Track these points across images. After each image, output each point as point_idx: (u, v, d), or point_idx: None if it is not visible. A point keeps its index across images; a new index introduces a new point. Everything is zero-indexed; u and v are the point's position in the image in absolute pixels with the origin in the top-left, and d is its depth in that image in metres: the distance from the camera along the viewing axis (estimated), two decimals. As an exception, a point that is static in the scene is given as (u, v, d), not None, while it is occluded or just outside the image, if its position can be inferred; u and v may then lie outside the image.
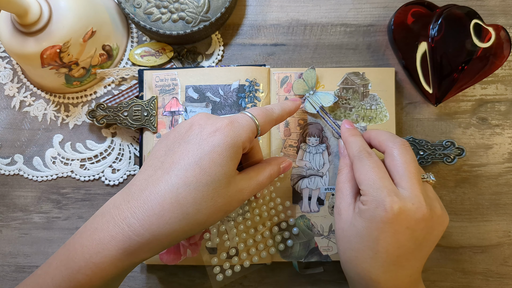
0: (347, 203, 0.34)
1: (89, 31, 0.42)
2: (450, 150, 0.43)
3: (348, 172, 0.37)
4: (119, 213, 0.28)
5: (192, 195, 0.28)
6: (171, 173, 0.29)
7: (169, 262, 0.42)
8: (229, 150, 0.29)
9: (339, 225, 0.34)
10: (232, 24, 0.48)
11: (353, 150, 0.36)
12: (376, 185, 0.32)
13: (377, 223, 0.31)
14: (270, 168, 0.35)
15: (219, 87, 0.44)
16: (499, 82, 0.47)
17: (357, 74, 0.44)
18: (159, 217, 0.27)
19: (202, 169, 0.28)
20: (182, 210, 0.28)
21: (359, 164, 0.34)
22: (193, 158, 0.29)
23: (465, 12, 0.43)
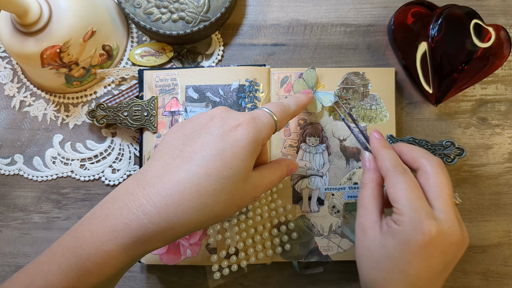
0: (372, 221, 0.32)
1: (89, 31, 0.42)
2: (450, 150, 0.43)
3: (375, 187, 0.34)
4: (134, 200, 0.27)
5: (212, 186, 0.28)
6: (192, 162, 0.28)
7: (169, 262, 0.42)
8: (251, 146, 0.29)
9: (364, 243, 0.33)
10: (232, 24, 0.48)
11: (386, 164, 0.34)
12: (415, 205, 0.30)
13: (412, 246, 0.29)
14: (280, 169, 0.35)
15: (219, 87, 0.44)
16: (499, 82, 0.47)
17: (357, 74, 0.44)
18: (177, 205, 0.27)
19: (224, 161, 0.28)
20: (201, 201, 0.27)
21: (395, 180, 0.32)
22: (215, 149, 0.28)
23: (465, 12, 0.43)
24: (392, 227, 0.31)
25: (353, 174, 0.44)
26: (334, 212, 0.43)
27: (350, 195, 0.43)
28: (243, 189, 0.29)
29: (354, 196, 0.43)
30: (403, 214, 0.30)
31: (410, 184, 0.31)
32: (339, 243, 0.43)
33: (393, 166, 0.33)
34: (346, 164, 0.44)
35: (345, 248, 0.43)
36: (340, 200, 0.43)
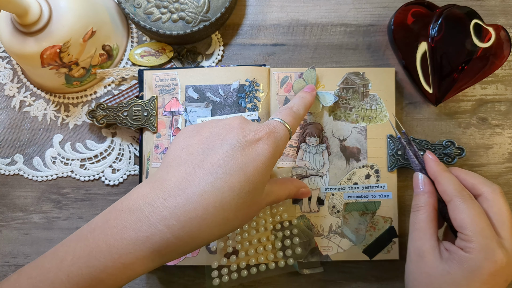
0: (431, 246, 0.32)
1: (89, 31, 0.42)
2: (450, 150, 0.43)
3: (432, 211, 0.34)
4: (154, 212, 0.26)
5: (235, 201, 0.27)
6: (215, 175, 0.27)
7: (169, 262, 0.42)
8: (271, 160, 0.30)
9: (421, 269, 0.32)
10: (232, 24, 0.48)
11: (451, 189, 0.33)
12: (486, 233, 0.30)
13: (481, 274, 0.29)
14: (290, 188, 0.35)
15: (219, 87, 0.44)
16: (499, 82, 0.47)
17: (357, 74, 0.44)
18: (201, 220, 0.26)
19: (247, 176, 0.28)
20: (224, 215, 0.27)
21: (462, 206, 0.31)
22: (238, 163, 0.28)
23: (465, 12, 0.43)
24: (458, 254, 0.30)
25: (353, 174, 0.44)
26: (334, 212, 0.43)
27: (350, 195, 0.43)
28: (259, 203, 0.30)
29: (354, 196, 0.43)
30: (472, 241, 0.30)
31: (479, 210, 0.31)
32: (339, 243, 0.43)
33: (458, 191, 0.32)
34: (346, 164, 0.44)
35: (345, 248, 0.43)
36: (340, 200, 0.43)
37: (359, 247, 0.43)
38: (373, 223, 0.43)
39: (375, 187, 0.43)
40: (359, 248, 0.43)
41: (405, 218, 0.45)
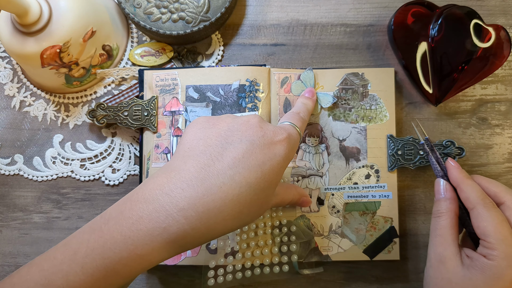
0: (453, 252, 0.32)
1: (89, 31, 0.42)
2: (450, 150, 0.43)
3: (453, 217, 0.34)
4: (172, 202, 0.26)
5: (250, 196, 0.28)
6: (235, 169, 0.28)
7: (169, 262, 0.42)
8: (286, 162, 0.31)
9: (442, 275, 0.32)
10: (232, 24, 0.48)
11: (474, 196, 0.33)
12: (509, 241, 0.30)
13: (505, 281, 0.29)
14: (293, 194, 0.37)
15: (219, 87, 0.44)
16: (499, 82, 0.47)
17: (356, 75, 0.44)
18: (218, 212, 0.27)
19: (263, 174, 0.29)
20: (239, 209, 0.28)
21: (486, 214, 0.32)
22: (256, 160, 0.29)
23: (465, 12, 0.43)
24: (480, 261, 0.30)
25: (353, 174, 0.44)
26: (334, 212, 0.43)
27: (350, 195, 0.43)
28: (269, 202, 0.31)
29: (354, 196, 0.43)
30: (495, 249, 0.30)
31: (502, 218, 0.31)
32: (339, 243, 0.43)
33: (481, 198, 0.33)
34: (346, 164, 0.44)
35: (345, 248, 0.43)
36: (340, 200, 0.43)
37: (359, 247, 0.43)
38: (373, 223, 0.43)
39: (375, 187, 0.43)
40: (360, 248, 0.43)
41: (405, 218, 0.45)
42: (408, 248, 0.45)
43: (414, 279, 0.44)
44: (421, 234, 0.45)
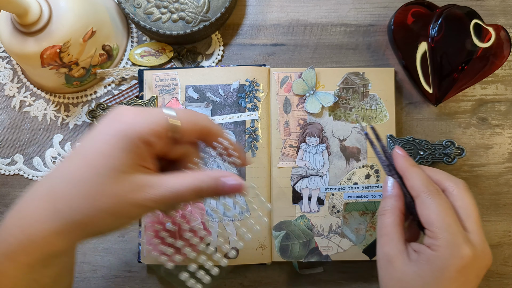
0: (399, 250, 0.31)
1: (89, 31, 0.42)
2: (450, 150, 0.43)
3: (398, 215, 0.32)
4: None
5: (65, 189, 0.24)
6: (58, 164, 0.26)
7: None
8: (121, 140, 0.25)
9: (391, 275, 0.31)
10: (232, 24, 0.48)
11: (418, 184, 0.31)
12: (452, 229, 0.29)
13: (449, 272, 0.28)
14: (197, 179, 0.27)
15: (219, 87, 0.44)
16: (499, 82, 0.47)
17: (357, 74, 0.44)
18: (29, 213, 0.26)
19: (86, 160, 0.25)
20: (54, 206, 0.24)
21: (429, 202, 0.30)
22: (79, 148, 0.25)
23: (465, 12, 0.43)
24: (425, 253, 0.29)
25: (353, 174, 0.44)
26: (334, 212, 0.43)
27: (350, 195, 0.43)
28: (112, 193, 0.24)
29: (354, 196, 0.43)
30: (439, 238, 0.29)
31: (445, 206, 0.30)
32: (339, 243, 0.43)
33: (425, 186, 0.31)
34: (346, 164, 0.44)
35: (345, 248, 0.43)
36: (340, 200, 0.43)
37: (359, 247, 0.43)
38: (373, 223, 0.43)
39: (375, 187, 0.43)
40: (359, 248, 0.43)
41: (405, 218, 0.45)
42: (408, 248, 0.45)
43: (414, 279, 0.44)
44: (420, 234, 0.45)
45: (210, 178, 0.27)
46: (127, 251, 0.45)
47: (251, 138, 0.43)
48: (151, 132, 0.26)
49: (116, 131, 0.25)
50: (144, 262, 0.43)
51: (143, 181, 0.25)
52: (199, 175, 0.27)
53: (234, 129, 0.43)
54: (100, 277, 0.45)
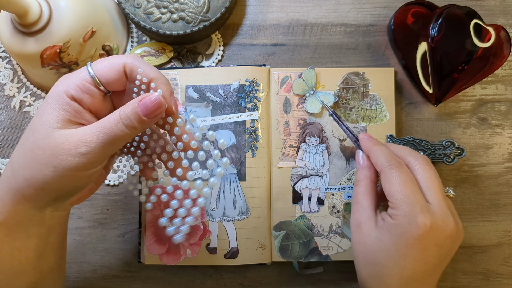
0: (367, 216, 0.33)
1: (89, 31, 0.42)
2: (450, 150, 0.43)
3: (369, 184, 0.35)
4: None
5: (14, 155, 0.29)
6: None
7: (169, 262, 0.42)
8: (53, 99, 0.28)
9: (359, 239, 0.33)
10: (232, 24, 0.48)
11: (381, 160, 0.34)
12: (410, 199, 0.30)
13: (407, 239, 0.30)
14: (119, 110, 0.29)
15: (219, 87, 0.44)
16: (499, 82, 0.47)
17: (357, 74, 0.44)
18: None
19: (30, 125, 0.29)
20: (11, 166, 0.29)
21: (390, 175, 0.32)
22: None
23: (465, 12, 0.43)
24: (387, 221, 0.31)
25: (353, 174, 0.44)
26: (334, 212, 0.43)
27: (350, 195, 0.43)
28: (47, 146, 0.27)
29: (354, 196, 0.43)
30: (398, 208, 0.31)
31: (405, 178, 0.32)
32: (339, 243, 0.43)
33: (387, 161, 0.33)
34: (346, 164, 0.44)
35: (345, 248, 0.43)
36: (340, 200, 0.43)
37: (359, 247, 0.43)
38: (373, 223, 0.43)
39: (375, 187, 0.43)
40: (359, 248, 0.43)
41: (405, 218, 0.45)
42: (408, 248, 0.45)
43: (414, 279, 0.44)
44: (421, 234, 0.45)
45: (129, 105, 0.29)
46: (127, 251, 0.45)
47: (251, 138, 0.43)
48: (75, 87, 0.29)
49: (50, 93, 0.29)
50: (144, 262, 0.43)
51: (74, 132, 0.28)
52: (121, 108, 0.29)
53: (234, 129, 0.43)
54: (100, 277, 0.45)
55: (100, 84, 0.29)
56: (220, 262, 0.42)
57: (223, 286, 0.45)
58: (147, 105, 0.29)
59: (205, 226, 0.42)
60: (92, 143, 0.28)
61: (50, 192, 0.29)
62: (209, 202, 0.43)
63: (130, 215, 0.45)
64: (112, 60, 0.30)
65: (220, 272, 0.45)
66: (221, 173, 0.31)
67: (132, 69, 0.30)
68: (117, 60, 0.30)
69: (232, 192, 0.43)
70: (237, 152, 0.43)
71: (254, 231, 0.42)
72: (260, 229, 0.43)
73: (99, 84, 0.29)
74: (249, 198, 0.43)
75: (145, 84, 0.30)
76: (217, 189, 0.43)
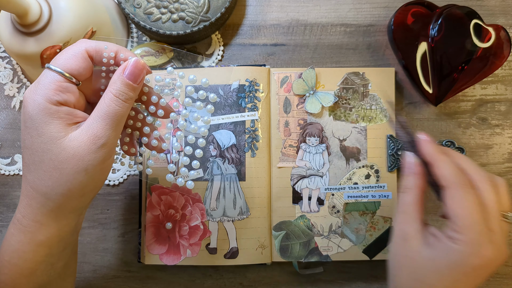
0: (415, 230, 0.31)
1: (89, 31, 0.42)
2: (450, 150, 0.43)
3: (418, 193, 0.32)
4: None
5: (35, 177, 0.29)
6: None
7: (169, 262, 0.42)
8: (38, 116, 0.28)
9: (405, 252, 0.31)
10: (232, 24, 0.48)
11: (449, 174, 0.31)
12: (478, 228, 0.28)
13: (465, 267, 0.28)
14: (109, 90, 0.29)
15: (219, 87, 0.44)
16: (499, 82, 0.47)
17: (357, 74, 0.44)
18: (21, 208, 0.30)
19: (33, 150, 0.29)
20: (36, 191, 0.29)
21: (459, 195, 0.29)
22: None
23: (465, 12, 0.43)
24: (445, 243, 0.29)
25: (353, 174, 0.44)
26: (334, 212, 0.43)
27: (350, 195, 0.43)
28: (67, 158, 0.28)
29: (354, 196, 0.43)
30: (463, 233, 0.29)
31: (477, 202, 0.29)
32: (339, 243, 0.43)
33: (456, 177, 0.30)
34: (346, 164, 0.44)
35: (345, 248, 0.43)
36: (340, 200, 0.43)
37: (359, 247, 0.43)
38: (373, 223, 0.43)
39: (375, 187, 0.43)
40: (359, 248, 0.43)
41: (405, 218, 0.45)
42: (408, 248, 0.45)
43: (414, 279, 0.44)
44: (421, 234, 0.45)
45: (114, 79, 0.30)
46: (127, 251, 0.45)
47: (251, 138, 0.43)
48: (54, 92, 0.28)
49: (32, 111, 0.28)
50: (144, 262, 0.43)
51: (81, 131, 0.28)
52: (109, 88, 0.30)
53: (234, 129, 0.43)
54: (100, 277, 0.45)
55: (72, 77, 0.29)
56: (220, 262, 0.42)
57: (223, 286, 0.45)
58: (132, 71, 0.30)
59: (205, 226, 0.42)
60: (105, 131, 0.28)
61: (89, 194, 0.30)
62: (209, 202, 0.43)
63: (130, 215, 0.45)
64: (72, 50, 0.30)
65: (220, 272, 0.45)
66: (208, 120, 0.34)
67: (97, 51, 0.30)
68: (77, 48, 0.30)
69: (232, 192, 0.43)
70: (237, 152, 0.43)
71: (254, 231, 0.42)
72: (260, 229, 0.43)
73: (72, 77, 0.29)
74: (249, 198, 0.43)
75: (112, 58, 0.31)
76: (217, 189, 0.43)
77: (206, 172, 0.43)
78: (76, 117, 0.29)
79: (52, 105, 0.28)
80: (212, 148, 0.43)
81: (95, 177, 0.29)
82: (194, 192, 0.43)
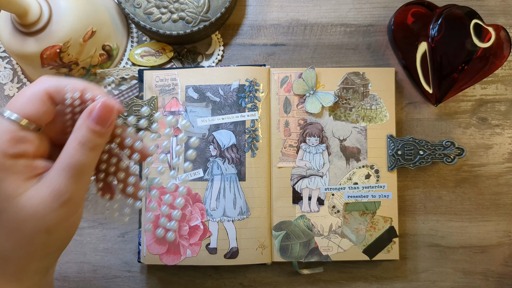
0: None
1: (89, 31, 0.42)
2: (450, 150, 0.43)
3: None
4: None
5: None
6: None
7: (169, 262, 0.42)
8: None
9: None
10: (232, 24, 0.48)
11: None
12: None
13: None
14: (73, 137, 0.25)
15: (219, 87, 0.44)
16: (499, 82, 0.47)
17: (357, 74, 0.44)
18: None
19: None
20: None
21: None
22: None
23: (465, 12, 0.43)
24: None
25: (353, 174, 0.44)
26: (334, 212, 0.43)
27: (350, 195, 0.43)
28: (25, 220, 0.24)
29: (354, 196, 0.43)
30: None
31: None
32: (339, 243, 0.43)
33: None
34: (346, 164, 0.44)
35: (345, 248, 0.43)
36: (340, 200, 0.43)
37: (359, 247, 0.43)
38: (373, 223, 0.43)
39: (375, 187, 0.43)
40: (359, 248, 0.43)
41: (405, 218, 0.45)
42: (408, 248, 0.45)
43: (414, 279, 0.44)
44: (420, 234, 0.45)
45: (81, 124, 0.26)
46: (127, 251, 0.45)
47: (251, 138, 0.43)
48: (8, 144, 0.24)
49: None
50: (144, 262, 0.43)
51: (41, 187, 0.25)
52: (73, 135, 0.25)
53: (234, 129, 0.43)
54: (100, 277, 0.45)
55: (31, 125, 0.25)
56: (220, 262, 0.42)
57: (223, 286, 0.45)
58: (100, 114, 0.26)
59: (205, 226, 0.42)
60: (68, 186, 0.25)
61: (54, 254, 0.27)
62: (209, 202, 0.43)
63: (130, 215, 0.45)
64: (29, 92, 0.26)
65: (220, 272, 0.45)
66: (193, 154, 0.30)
67: (58, 91, 0.26)
68: (35, 89, 0.26)
69: (232, 192, 0.43)
70: (237, 152, 0.43)
71: (254, 231, 0.42)
72: (260, 229, 0.43)
73: (29, 125, 0.25)
74: (249, 198, 0.43)
75: (78, 98, 0.27)
76: (217, 189, 0.43)
77: (206, 172, 0.43)
78: (36, 169, 0.25)
79: (6, 159, 0.24)
80: (212, 148, 0.43)
81: (59, 236, 0.26)
82: (194, 192, 0.43)
